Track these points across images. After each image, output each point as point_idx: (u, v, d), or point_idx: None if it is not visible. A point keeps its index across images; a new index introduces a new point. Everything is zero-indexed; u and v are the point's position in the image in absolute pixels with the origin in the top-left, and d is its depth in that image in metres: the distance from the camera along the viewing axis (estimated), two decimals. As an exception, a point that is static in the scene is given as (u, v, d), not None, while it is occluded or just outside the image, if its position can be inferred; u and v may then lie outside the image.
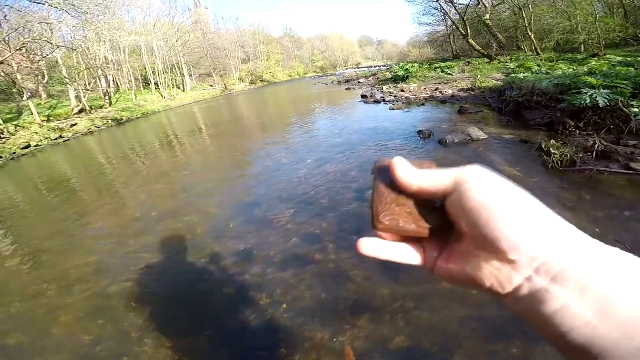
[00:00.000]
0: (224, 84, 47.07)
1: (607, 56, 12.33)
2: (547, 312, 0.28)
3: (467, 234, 0.33)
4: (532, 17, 21.16)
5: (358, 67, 71.96)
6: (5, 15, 17.78)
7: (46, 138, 16.39)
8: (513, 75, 10.39)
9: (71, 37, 24.88)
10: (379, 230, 0.36)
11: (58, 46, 21.61)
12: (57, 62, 24.45)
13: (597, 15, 17.71)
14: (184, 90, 40.59)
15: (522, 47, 24.76)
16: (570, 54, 17.69)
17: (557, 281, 0.27)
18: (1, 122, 16.11)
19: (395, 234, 0.37)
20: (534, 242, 0.28)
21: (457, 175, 0.32)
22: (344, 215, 4.48)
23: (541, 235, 0.28)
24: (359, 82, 27.57)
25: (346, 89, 23.95)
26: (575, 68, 10.16)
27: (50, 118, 20.10)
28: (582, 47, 19.27)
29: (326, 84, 31.79)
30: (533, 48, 21.41)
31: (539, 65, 12.31)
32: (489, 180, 0.31)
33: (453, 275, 0.35)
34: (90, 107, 23.84)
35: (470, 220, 0.31)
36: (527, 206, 0.30)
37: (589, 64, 9.75)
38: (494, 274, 0.31)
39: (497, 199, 0.30)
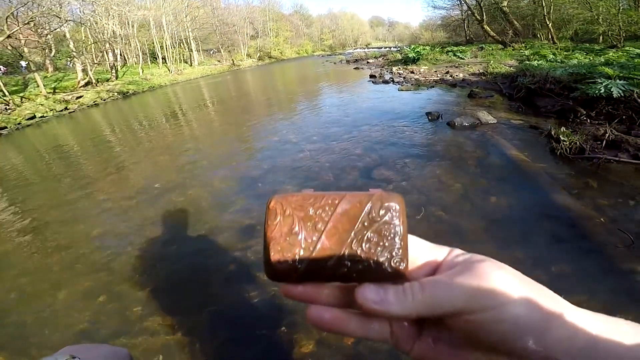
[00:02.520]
0: (232, 59, 46.56)
1: (626, 48, 12.02)
2: None
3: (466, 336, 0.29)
4: (552, 6, 20.59)
5: (368, 48, 70.94)
6: (14, -10, 17.51)
7: (51, 110, 16.34)
8: (527, 62, 10.21)
9: (80, 12, 24.67)
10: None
11: (67, 20, 21.35)
12: (65, 36, 24.22)
13: (621, 8, 17.15)
14: (191, 65, 40.26)
15: (539, 35, 24.15)
16: (588, 45, 17.21)
17: None
18: (7, 93, 16.06)
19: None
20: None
21: (473, 293, 0.27)
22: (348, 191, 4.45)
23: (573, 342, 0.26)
24: (368, 62, 27.22)
25: (355, 68, 23.67)
26: (592, 58, 9.95)
27: (57, 90, 20.02)
28: (601, 38, 18.76)
29: (334, 63, 31.43)
30: (550, 37, 20.91)
31: (554, 54, 12.09)
32: (515, 292, 0.27)
33: None
34: (97, 80, 23.73)
35: (493, 337, 0.27)
36: (554, 311, 0.27)
37: (606, 55, 9.53)
38: None
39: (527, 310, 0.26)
